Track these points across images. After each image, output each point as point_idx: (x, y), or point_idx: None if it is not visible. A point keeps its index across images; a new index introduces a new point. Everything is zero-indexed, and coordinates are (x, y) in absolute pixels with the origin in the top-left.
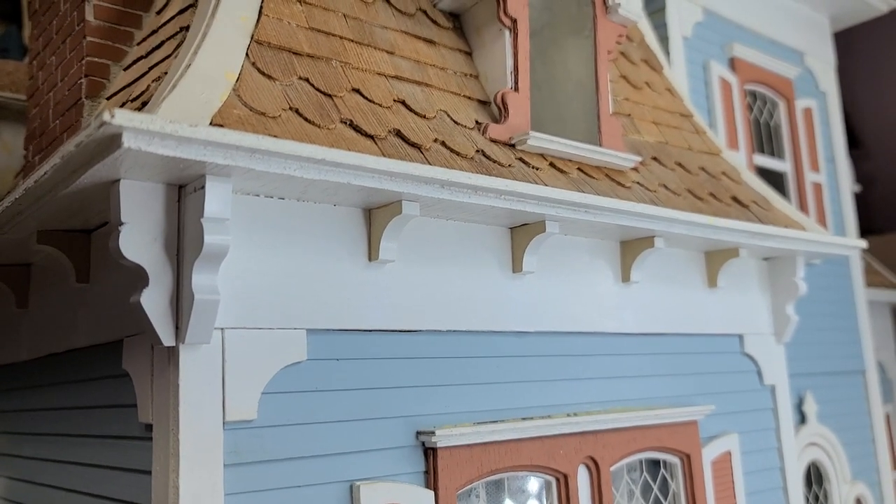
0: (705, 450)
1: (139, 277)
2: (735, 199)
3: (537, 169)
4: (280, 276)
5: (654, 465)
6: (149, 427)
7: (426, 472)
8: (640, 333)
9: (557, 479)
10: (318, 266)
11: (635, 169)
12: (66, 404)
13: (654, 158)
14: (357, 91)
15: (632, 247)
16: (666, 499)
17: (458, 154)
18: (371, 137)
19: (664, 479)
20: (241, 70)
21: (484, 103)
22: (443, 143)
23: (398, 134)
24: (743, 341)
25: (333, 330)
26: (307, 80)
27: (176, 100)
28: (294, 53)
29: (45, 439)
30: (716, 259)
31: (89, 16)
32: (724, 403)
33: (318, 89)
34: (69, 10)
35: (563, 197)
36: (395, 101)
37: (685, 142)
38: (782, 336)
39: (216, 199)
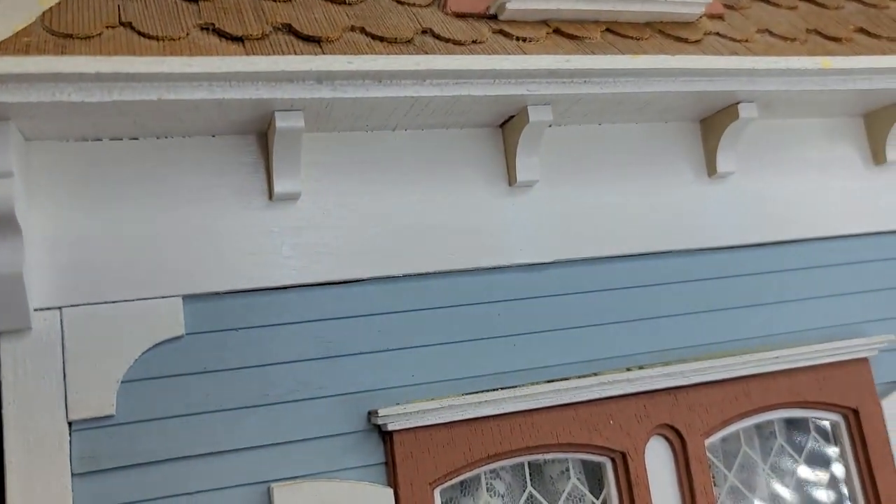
0: (889, 400)
1: None
2: None
3: (523, 40)
4: (138, 235)
5: (799, 427)
6: None
7: (385, 464)
8: (748, 245)
9: (613, 460)
10: (194, 216)
11: (719, 17)
12: None
13: None
14: None
15: (714, 124)
16: (826, 467)
17: (382, 40)
18: (239, 40)
19: (816, 446)
20: None
21: None
22: (362, 30)
23: (289, 30)
24: None
25: (224, 293)
26: None
27: None
28: None
29: None
30: (879, 122)
31: None
32: None
33: None
34: None
35: (513, 66)
36: None
37: None
38: None
39: None
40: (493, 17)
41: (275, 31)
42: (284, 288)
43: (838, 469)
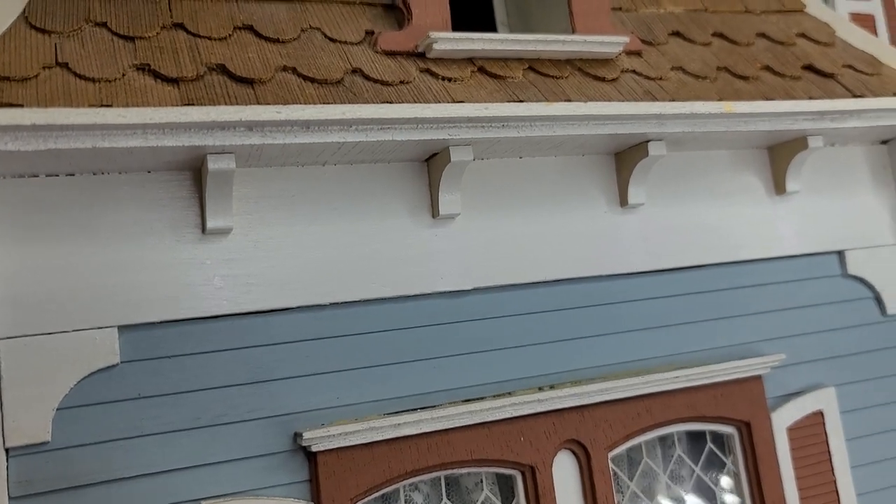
0: (777, 413)
1: None
2: (810, 68)
3: (449, 80)
4: (74, 267)
5: (698, 438)
6: None
7: (310, 482)
8: (656, 270)
9: (523, 473)
10: (129, 249)
11: (637, 53)
12: None
13: (676, 34)
14: (179, 26)
15: (626, 159)
16: (717, 478)
17: (313, 81)
18: (174, 81)
19: (712, 456)
20: (7, 29)
21: (394, 8)
22: (293, 71)
23: (223, 70)
24: (844, 260)
25: (158, 323)
26: (104, 24)
27: None
28: None
29: None
30: (780, 155)
31: None
32: (811, 348)
33: (116, 33)
34: None
35: (435, 114)
36: (237, 28)
37: (739, 2)
38: None
39: None
40: (422, 55)
41: (209, 71)
42: (216, 317)
43: (731, 475)
